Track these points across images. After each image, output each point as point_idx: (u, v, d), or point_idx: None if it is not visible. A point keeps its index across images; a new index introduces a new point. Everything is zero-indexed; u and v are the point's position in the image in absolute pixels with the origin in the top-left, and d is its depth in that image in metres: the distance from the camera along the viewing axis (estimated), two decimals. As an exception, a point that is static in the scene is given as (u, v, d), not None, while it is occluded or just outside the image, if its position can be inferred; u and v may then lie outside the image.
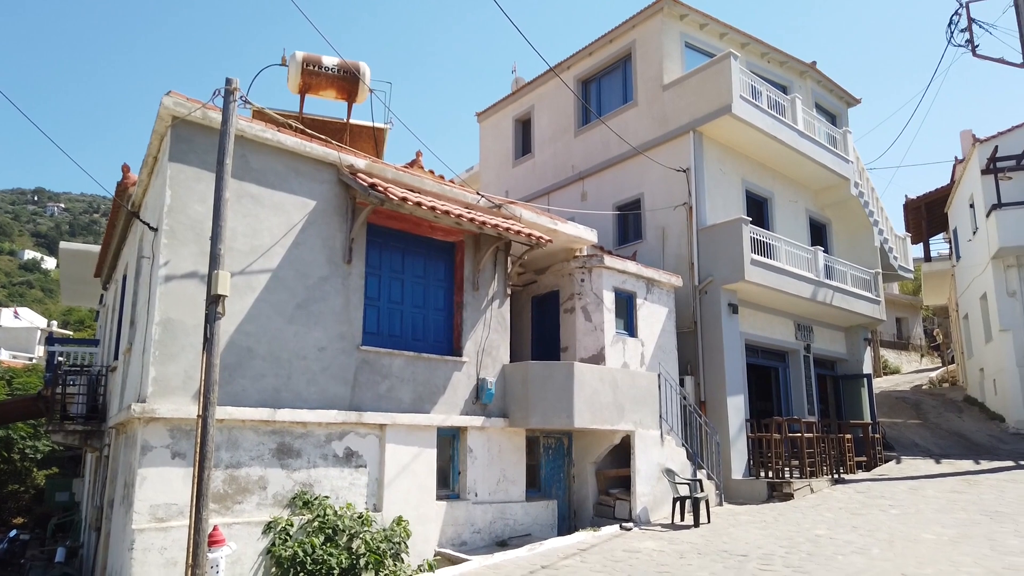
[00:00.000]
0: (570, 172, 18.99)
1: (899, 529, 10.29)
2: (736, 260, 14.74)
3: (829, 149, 18.08)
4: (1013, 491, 13.01)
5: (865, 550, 9.07)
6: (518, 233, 10.73)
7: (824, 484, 14.27)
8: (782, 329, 17.13)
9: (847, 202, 19.10)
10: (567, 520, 11.92)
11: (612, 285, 13.13)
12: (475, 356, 10.74)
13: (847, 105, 21.32)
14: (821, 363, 18.75)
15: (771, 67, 19.03)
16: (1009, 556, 8.47)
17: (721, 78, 15.41)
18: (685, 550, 9.47)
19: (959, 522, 10.63)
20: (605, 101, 18.77)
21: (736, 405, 14.62)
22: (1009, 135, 21.71)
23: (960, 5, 18.66)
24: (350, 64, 11.49)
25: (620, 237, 17.42)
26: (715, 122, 15.56)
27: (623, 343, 13.09)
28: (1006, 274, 21.39)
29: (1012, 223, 20.57)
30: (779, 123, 16.50)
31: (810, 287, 16.26)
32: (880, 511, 11.79)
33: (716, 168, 16.29)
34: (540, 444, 11.89)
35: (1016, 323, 21.09)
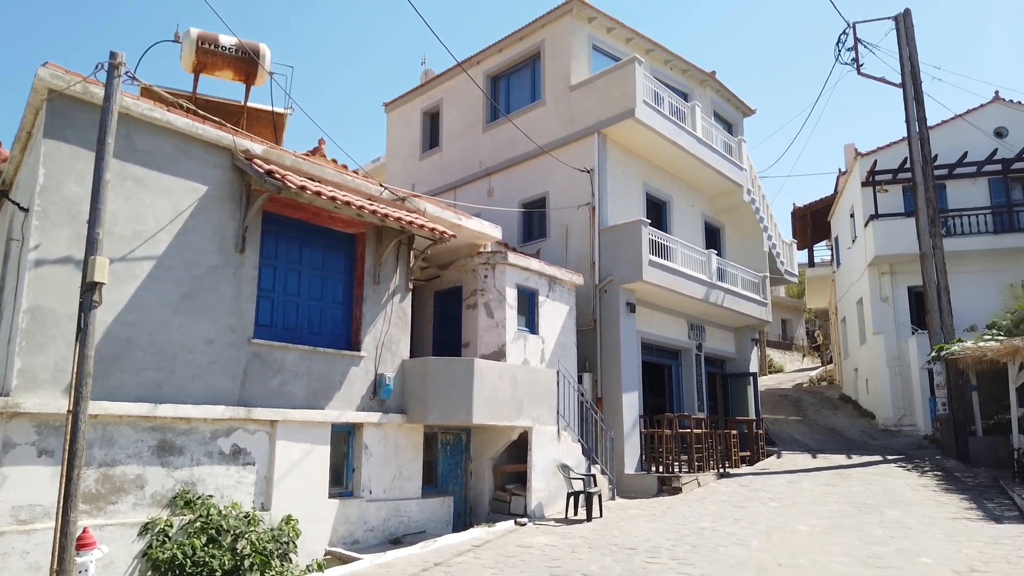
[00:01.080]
0: (477, 168, 18.96)
1: (777, 521, 10.84)
2: (635, 261, 15.12)
3: (725, 156, 18.84)
4: (880, 484, 13.98)
5: (745, 542, 9.50)
6: (421, 227, 10.61)
7: (711, 478, 14.89)
8: (676, 328, 17.73)
9: (740, 208, 19.95)
10: (463, 516, 11.92)
11: (515, 282, 13.20)
12: (374, 351, 10.55)
13: (743, 115, 22.28)
14: (711, 361, 19.54)
15: (673, 74, 19.63)
16: (874, 546, 9.08)
17: (626, 82, 15.76)
18: (577, 544, 9.64)
19: (831, 514, 11.31)
20: (514, 98, 18.85)
21: (631, 401, 15.03)
22: (888, 150, 23.31)
23: (848, 25, 19.85)
24: (249, 45, 11.01)
25: (525, 234, 17.55)
26: (619, 125, 15.90)
27: (524, 340, 13.19)
28: (880, 281, 22.96)
29: (887, 233, 22.10)
30: (679, 129, 17.04)
31: (703, 288, 16.89)
32: (760, 504, 12.40)
33: (619, 170, 16.66)
34: (438, 440, 11.83)
35: (887, 327, 22.68)
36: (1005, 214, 21.80)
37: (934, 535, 9.59)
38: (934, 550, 8.73)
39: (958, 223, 21.93)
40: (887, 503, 12.04)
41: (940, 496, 12.65)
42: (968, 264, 21.43)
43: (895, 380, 22.23)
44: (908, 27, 19.35)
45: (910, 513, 11.17)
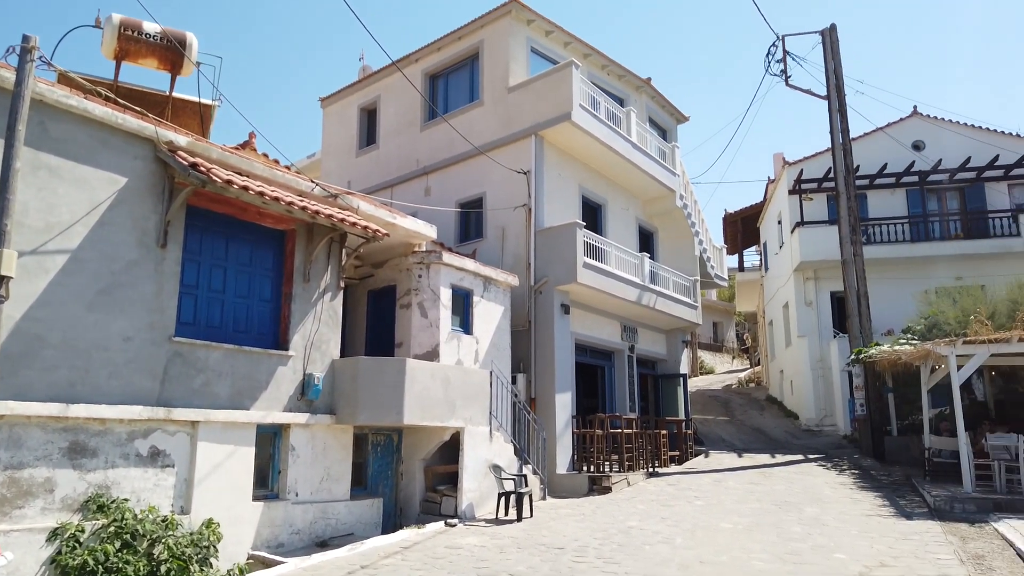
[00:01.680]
0: (415, 166, 18.82)
1: (702, 519, 11.10)
2: (570, 262, 15.26)
3: (659, 162, 19.20)
4: (800, 482, 14.47)
5: (670, 540, 9.70)
6: (353, 225, 10.46)
7: (640, 477, 15.15)
8: (610, 330, 17.97)
9: (673, 212, 20.38)
10: (394, 518, 11.80)
11: (450, 282, 13.15)
12: (303, 350, 10.34)
13: (677, 121, 22.75)
14: (643, 363, 19.88)
15: (610, 79, 19.90)
16: (792, 542, 9.38)
17: (563, 85, 15.90)
18: (506, 544, 9.66)
19: (754, 511, 11.64)
20: (452, 98, 18.79)
21: (564, 402, 15.16)
22: (814, 160, 24.15)
23: (777, 38, 20.50)
24: (174, 33, 10.64)
25: (462, 234, 17.50)
26: (556, 128, 16.02)
27: (458, 340, 13.15)
28: (805, 286, 23.79)
29: (812, 240, 22.90)
30: (615, 133, 17.29)
31: (636, 291, 17.18)
32: (687, 502, 12.68)
33: (555, 172, 16.79)
34: (369, 441, 11.68)
35: (811, 330, 23.51)
36: (921, 224, 22.88)
37: (849, 532, 9.98)
38: (848, 546, 9.08)
39: (878, 231, 22.90)
40: (806, 501, 12.47)
41: (856, 494, 13.17)
42: (887, 271, 22.37)
43: (818, 382, 23.06)
44: (834, 42, 20.12)
45: (827, 510, 11.59)
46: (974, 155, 22.45)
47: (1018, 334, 12.35)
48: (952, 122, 23.43)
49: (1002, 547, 8.96)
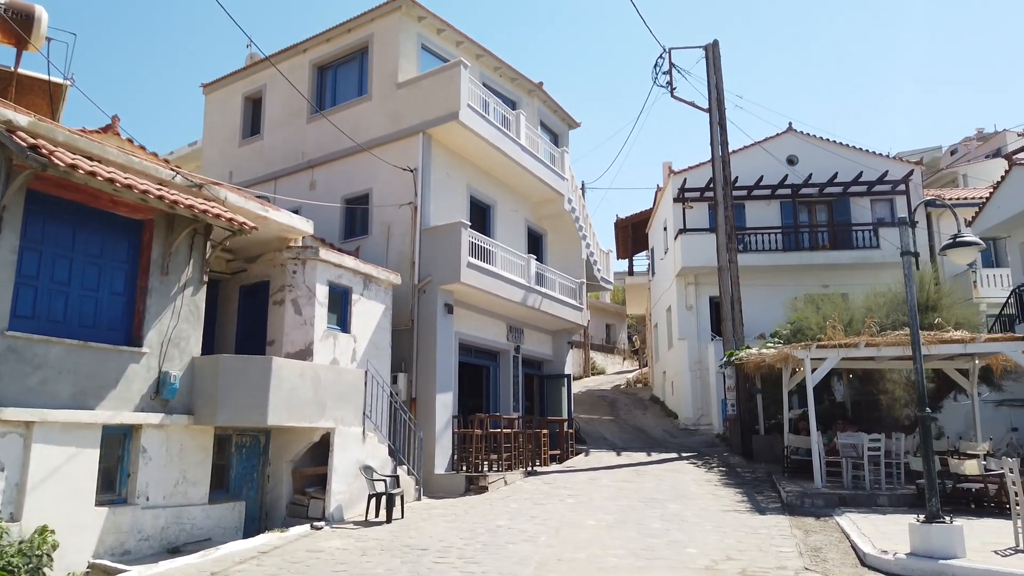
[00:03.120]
0: (300, 159, 18.30)
1: (570, 517, 11.31)
2: (454, 262, 15.22)
3: (548, 165, 19.47)
4: (670, 480, 15.00)
5: (535, 538, 9.81)
6: (218, 217, 10.02)
7: (518, 476, 15.29)
8: (495, 330, 18.06)
9: (561, 216, 20.71)
10: (258, 522, 11.39)
11: (327, 279, 12.83)
12: (159, 347, 9.82)
13: (568, 127, 23.15)
14: (529, 363, 20.11)
15: (502, 81, 20.02)
16: (650, 538, 9.69)
17: (451, 84, 15.85)
18: (370, 547, 9.51)
19: (620, 508, 11.97)
20: (340, 91, 18.39)
21: (445, 402, 15.10)
22: (697, 170, 25.13)
23: (664, 50, 21.19)
24: (20, 6, 9.88)
25: (347, 231, 17.15)
26: (444, 127, 15.95)
27: (335, 339, 12.86)
28: (686, 291, 24.73)
29: (693, 246, 23.83)
30: (504, 136, 17.39)
31: (522, 292, 17.34)
32: (559, 501, 12.89)
33: (443, 171, 16.71)
34: (233, 442, 11.23)
35: (691, 333, 24.46)
36: (792, 234, 24.23)
37: (704, 527, 10.41)
38: (701, 541, 9.46)
39: (754, 240, 24.09)
40: (672, 498, 12.93)
41: (719, 490, 13.78)
42: (762, 278, 23.54)
43: (695, 383, 24.02)
44: (716, 57, 21.02)
45: (689, 507, 12.06)
46: (841, 171, 23.98)
47: (865, 339, 13.25)
48: (823, 139, 24.95)
49: (839, 539, 9.57)
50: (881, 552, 8.07)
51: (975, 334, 13.12)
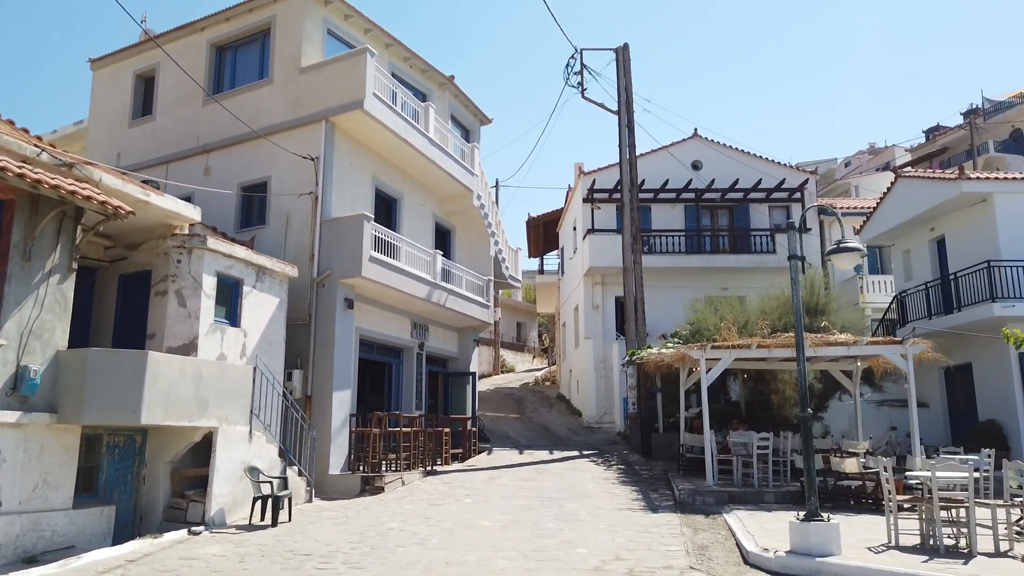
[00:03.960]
0: (195, 143, 17.34)
1: (465, 518, 11.11)
2: (355, 255, 14.75)
3: (458, 161, 19.20)
4: (569, 478, 15.03)
5: (426, 540, 9.56)
6: (89, 199, 9.27)
7: (416, 476, 14.98)
8: (399, 326, 17.67)
9: (470, 212, 20.50)
10: (131, 528, 10.65)
11: (215, 269, 12.15)
12: (17, 339, 9.00)
13: (480, 122, 22.94)
14: (434, 360, 19.81)
15: (412, 73, 19.61)
16: (542, 538, 9.60)
17: (356, 72, 15.34)
18: (250, 553, 9.02)
19: (517, 508, 11.86)
20: (240, 73, 17.55)
21: (342, 400, 14.62)
22: (606, 171, 25.40)
23: (575, 51, 21.28)
24: None
25: (243, 220, 16.37)
26: (348, 115, 15.44)
27: (222, 333, 12.19)
28: (593, 290, 24.99)
29: (600, 246, 24.09)
30: (411, 127, 17.00)
31: (427, 288, 17.01)
32: (456, 501, 12.67)
33: (347, 161, 16.19)
34: (104, 443, 10.44)
35: (597, 332, 24.73)
36: (695, 237, 24.86)
37: (598, 526, 10.42)
38: (593, 541, 9.44)
39: (659, 242, 24.57)
40: (569, 496, 12.93)
41: (616, 488, 13.89)
42: (665, 279, 23.98)
43: (600, 381, 24.30)
44: (626, 60, 21.27)
45: (585, 505, 12.08)
46: (742, 178, 24.76)
47: (757, 341, 13.64)
48: (726, 146, 25.71)
49: (726, 537, 9.75)
50: (763, 550, 8.24)
51: (858, 337, 13.72)
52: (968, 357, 17.57)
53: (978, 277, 16.66)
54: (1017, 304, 15.83)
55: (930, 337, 16.44)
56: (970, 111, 46.73)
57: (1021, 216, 16.89)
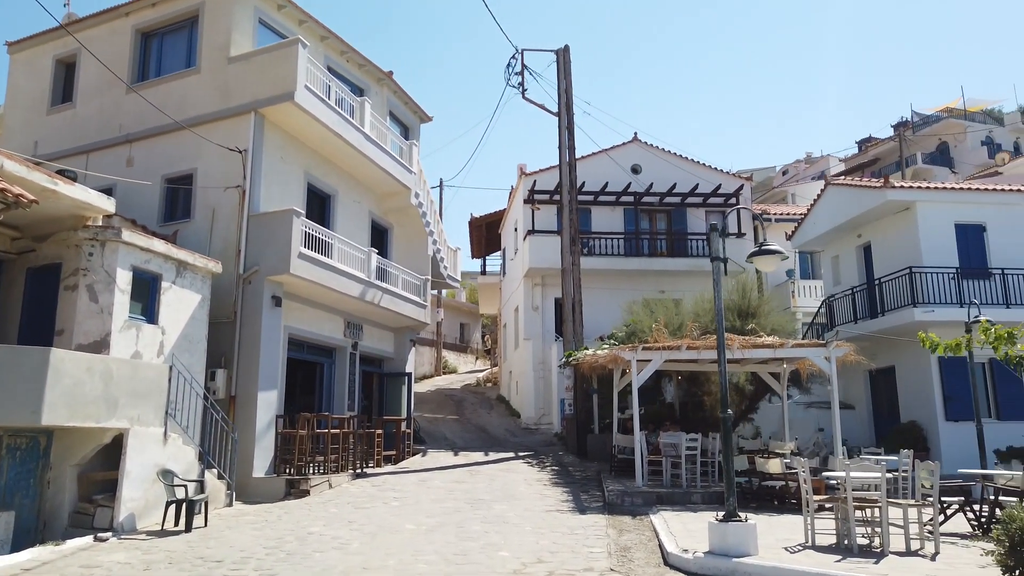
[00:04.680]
0: (117, 132, 16.64)
1: (390, 521, 10.85)
2: (284, 252, 14.33)
3: (395, 158, 18.89)
4: (502, 479, 14.90)
5: (346, 545, 9.28)
6: (-14, 187, 8.72)
7: (345, 479, 14.64)
8: (332, 326, 17.28)
9: (408, 210, 20.20)
10: (34, 534, 10.06)
11: (131, 263, 11.63)
12: (-97, 334, 8.40)
13: (420, 120, 22.67)
14: (368, 360, 19.45)
15: (349, 67, 19.23)
16: (466, 542, 9.42)
17: (287, 63, 14.92)
18: (157, 560, 8.60)
19: (445, 511, 11.65)
20: (166, 61, 16.92)
21: (268, 400, 14.19)
22: (547, 172, 25.41)
23: (516, 51, 21.21)
24: None
25: (167, 213, 15.76)
26: (278, 107, 15.02)
27: (138, 330, 11.67)
28: (533, 291, 24.96)
29: (540, 248, 24.07)
30: (346, 122, 16.63)
31: (360, 287, 16.66)
32: (383, 504, 12.40)
33: (277, 155, 15.74)
34: (3, 444, 9.83)
35: (536, 333, 24.71)
36: (634, 240, 25.06)
37: (524, 528, 10.29)
38: (516, 543, 9.30)
39: (599, 244, 24.69)
40: (500, 498, 12.79)
41: (547, 490, 13.81)
42: (604, 281, 24.12)
43: (539, 382, 24.27)
44: (566, 62, 21.29)
45: (515, 507, 11.95)
46: (680, 182, 25.07)
47: (687, 343, 13.75)
48: (665, 151, 26.00)
49: (650, 538, 9.74)
50: (682, 551, 8.23)
51: (784, 340, 13.96)
52: (891, 360, 18.11)
53: (900, 283, 17.19)
54: (937, 309, 16.38)
55: (855, 341, 16.87)
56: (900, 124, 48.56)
57: (942, 224, 17.52)
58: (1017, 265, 17.17)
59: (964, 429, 15.55)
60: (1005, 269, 17.08)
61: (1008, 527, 6.72)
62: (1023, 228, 17.64)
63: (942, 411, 16.55)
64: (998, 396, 16.85)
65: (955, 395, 16.31)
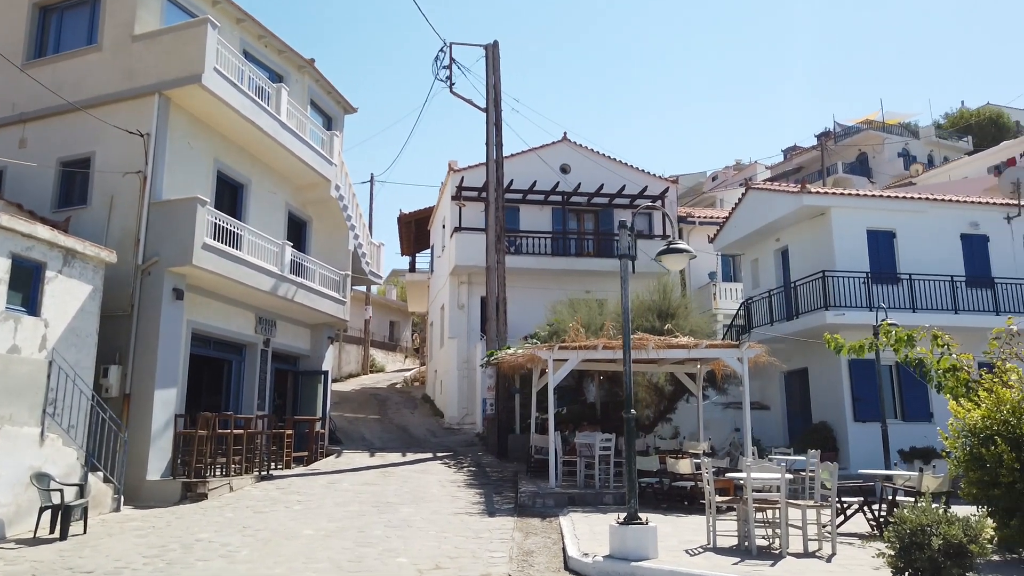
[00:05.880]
0: (10, 111, 15.51)
1: (288, 526, 10.33)
2: (186, 242, 13.58)
3: (314, 148, 18.24)
4: (415, 481, 14.49)
5: (235, 553, 8.74)
6: None
7: (248, 482, 13.98)
8: (241, 321, 16.54)
9: (328, 203, 19.56)
10: None
11: (10, 250, 10.74)
12: None
13: (344, 111, 22.02)
14: (283, 358, 18.75)
15: (268, 52, 18.48)
16: (364, 547, 9.00)
17: (196, 43, 14.16)
18: (20, 571, 7.90)
19: (349, 515, 11.19)
20: (66, 37, 15.89)
21: (166, 399, 13.42)
22: (476, 169, 25.03)
23: (444, 44, 20.82)
24: None
25: (62, 199, 14.79)
26: (185, 90, 14.25)
27: (16, 322, 10.79)
28: (459, 289, 24.61)
29: (467, 245, 23.74)
30: (260, 109, 15.92)
31: (272, 281, 15.99)
32: (285, 508, 11.85)
33: (183, 140, 14.94)
34: None
35: (461, 332, 24.36)
36: (562, 239, 24.98)
37: (428, 532, 9.93)
38: (417, 548, 8.94)
39: (527, 243, 24.51)
40: (409, 501, 12.38)
41: (461, 492, 13.48)
42: (532, 280, 23.92)
43: (463, 382, 23.92)
44: (496, 58, 21.02)
45: (423, 510, 11.57)
46: (607, 183, 25.11)
47: (603, 342, 13.63)
48: (594, 152, 26.02)
49: (555, 541, 9.52)
50: (583, 555, 8.03)
51: (699, 341, 14.00)
52: (805, 362, 18.49)
53: (814, 286, 17.55)
54: (847, 312, 16.77)
55: (771, 342, 17.13)
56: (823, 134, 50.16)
57: (855, 229, 17.97)
58: (924, 271, 17.74)
59: (871, 430, 15.93)
60: (912, 274, 17.62)
61: (899, 529, 6.74)
62: (930, 235, 18.25)
63: (851, 412, 16.95)
64: (904, 398, 17.37)
65: (863, 396, 16.73)
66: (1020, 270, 18.47)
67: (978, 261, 18.33)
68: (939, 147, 49.29)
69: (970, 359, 9.42)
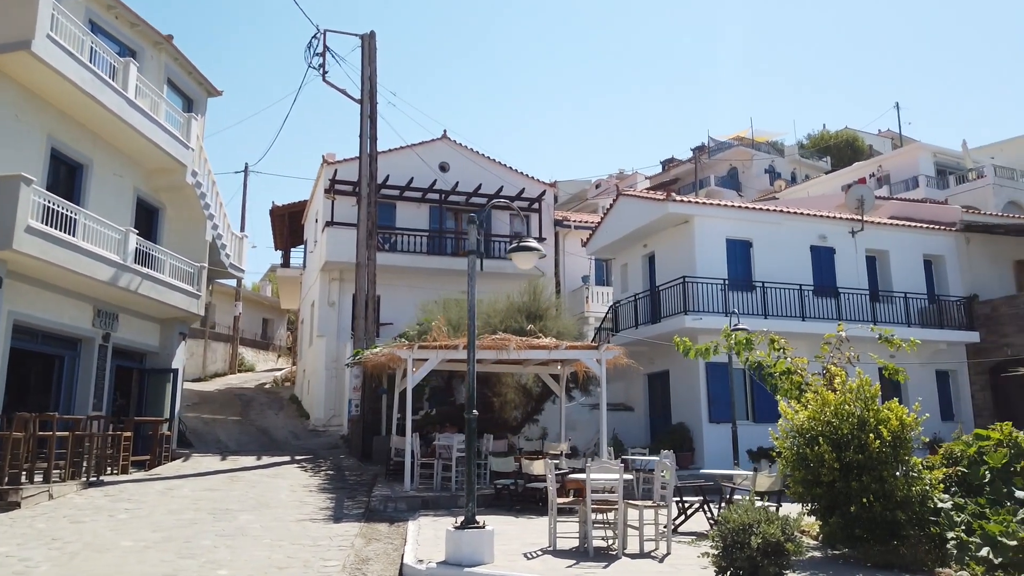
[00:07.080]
0: None
1: (105, 538, 9.41)
2: (7, 224, 12.25)
3: (167, 130, 17.02)
4: (263, 486, 13.72)
5: (32, 569, 7.82)
6: None
7: (73, 488, 12.77)
8: (76, 313, 15.17)
9: (184, 190, 18.34)
10: None
11: None
12: None
13: (208, 94, 20.76)
14: (128, 355, 17.40)
15: (119, 24, 17.11)
16: (185, 559, 8.29)
17: (27, 7, 12.83)
18: None
19: (179, 523, 10.37)
20: None
21: (-24, 398, 12.05)
22: (351, 163, 24.22)
23: (318, 31, 20.02)
24: None
25: None
26: (11, 56, 12.89)
27: None
28: (330, 286, 23.79)
29: (338, 241, 22.97)
30: (103, 83, 14.67)
31: (112, 270, 14.75)
32: (108, 517, 10.85)
33: (12, 112, 13.54)
34: None
35: (331, 330, 23.56)
36: (438, 238, 24.65)
37: (263, 541, 9.31)
38: (245, 559, 8.33)
39: (402, 241, 24.00)
40: (251, 507, 11.66)
41: (311, 497, 12.85)
42: (407, 278, 23.47)
43: (331, 382, 23.12)
44: (372, 48, 20.42)
45: (263, 517, 10.90)
46: (486, 184, 25.00)
47: (463, 342, 13.39)
48: (474, 151, 25.86)
49: (397, 547, 9.16)
50: (418, 562, 7.72)
51: (559, 342, 14.03)
52: (667, 365, 19.02)
53: (676, 291, 18.08)
54: (705, 317, 17.37)
55: (636, 345, 17.53)
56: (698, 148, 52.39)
57: (715, 238, 18.67)
58: (776, 279, 18.66)
59: (724, 430, 16.54)
60: (766, 282, 18.49)
61: (723, 528, 6.84)
62: (783, 246, 19.24)
63: (707, 413, 17.57)
64: (755, 400, 18.17)
65: (718, 398, 17.36)
66: (862, 281, 19.80)
67: (825, 272, 19.49)
68: (801, 165, 52.62)
69: (804, 363, 9.85)
